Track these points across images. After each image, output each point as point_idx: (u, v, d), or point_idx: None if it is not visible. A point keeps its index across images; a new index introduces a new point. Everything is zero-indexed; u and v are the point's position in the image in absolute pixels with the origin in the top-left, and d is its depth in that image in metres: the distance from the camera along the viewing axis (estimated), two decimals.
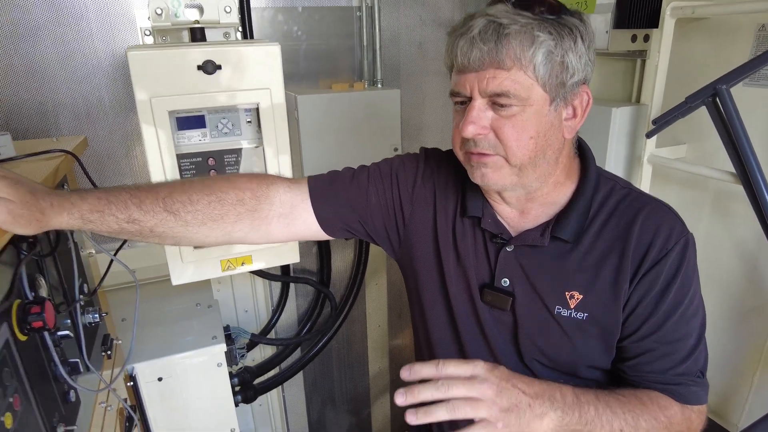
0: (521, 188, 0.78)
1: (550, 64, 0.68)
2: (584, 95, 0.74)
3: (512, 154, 0.72)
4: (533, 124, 0.71)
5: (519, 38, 0.67)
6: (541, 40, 0.67)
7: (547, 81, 0.69)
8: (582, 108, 0.74)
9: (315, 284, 1.85)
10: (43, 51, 1.35)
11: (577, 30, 0.69)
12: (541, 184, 0.78)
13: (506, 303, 0.81)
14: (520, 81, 0.68)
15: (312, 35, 1.62)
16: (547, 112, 0.71)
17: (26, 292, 0.69)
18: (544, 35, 0.67)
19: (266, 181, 0.84)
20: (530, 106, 0.70)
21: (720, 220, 1.41)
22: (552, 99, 0.71)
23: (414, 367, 0.65)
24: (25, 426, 0.62)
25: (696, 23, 1.36)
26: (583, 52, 0.70)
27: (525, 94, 0.69)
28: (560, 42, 0.68)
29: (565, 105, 0.73)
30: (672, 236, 0.75)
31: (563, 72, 0.69)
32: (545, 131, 0.72)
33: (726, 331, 1.44)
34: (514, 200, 0.81)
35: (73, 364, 0.80)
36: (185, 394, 1.34)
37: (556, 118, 0.72)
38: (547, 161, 0.75)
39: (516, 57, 0.67)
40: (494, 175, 0.74)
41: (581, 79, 0.72)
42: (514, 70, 0.68)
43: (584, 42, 0.70)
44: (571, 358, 0.80)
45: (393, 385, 2.27)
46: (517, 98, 0.69)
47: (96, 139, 1.45)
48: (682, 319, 0.76)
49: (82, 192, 0.69)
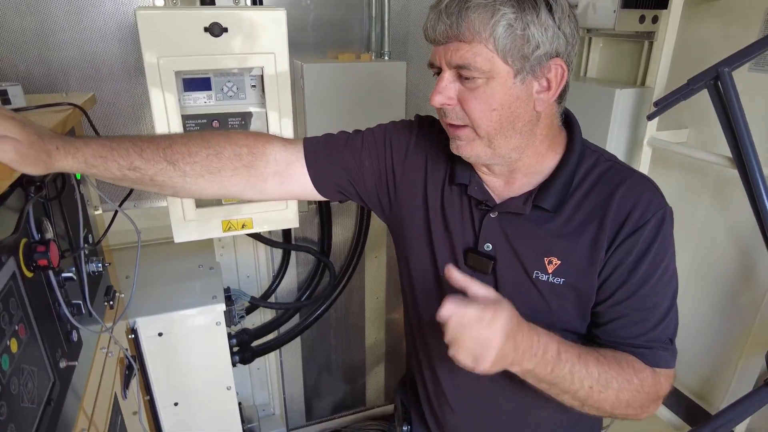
0: (499, 159, 0.80)
1: (511, 37, 0.69)
2: (558, 68, 0.74)
3: (477, 125, 0.75)
4: (497, 96, 0.72)
5: (479, 11, 0.68)
6: (502, 14, 0.68)
7: (508, 54, 0.70)
8: (557, 81, 0.74)
9: (315, 253, 1.89)
10: (55, 12, 1.37)
11: (543, 2, 0.70)
12: (519, 155, 0.80)
13: (488, 266, 0.84)
14: (481, 54, 0.70)
15: (321, 5, 1.62)
16: (511, 85, 0.72)
17: (33, 233, 0.72)
18: (505, 8, 0.68)
19: (263, 138, 0.87)
20: (493, 79, 0.71)
21: (718, 206, 1.42)
22: (516, 72, 0.72)
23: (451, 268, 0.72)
24: (30, 354, 0.66)
25: (705, 5, 1.35)
26: (549, 25, 0.70)
27: (486, 66, 0.70)
28: (521, 15, 0.68)
29: (534, 77, 0.73)
30: (650, 208, 0.77)
31: (525, 44, 0.70)
32: (510, 103, 0.73)
33: (715, 317, 1.46)
34: (497, 170, 0.83)
35: (76, 305, 0.84)
36: (184, 350, 1.38)
37: (524, 91, 0.73)
38: (519, 132, 0.76)
39: (476, 30, 0.69)
40: (467, 147, 0.78)
41: (550, 52, 0.72)
42: (474, 43, 0.70)
43: (552, 14, 0.70)
44: (548, 320, 0.83)
45: (388, 357, 2.33)
46: (479, 71, 0.71)
47: (104, 99, 1.48)
48: (655, 288, 0.79)
49: (87, 138, 0.72)
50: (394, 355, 2.32)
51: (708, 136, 1.40)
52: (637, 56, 1.56)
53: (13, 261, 0.65)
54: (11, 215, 0.68)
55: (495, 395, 0.93)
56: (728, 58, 1.13)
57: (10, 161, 0.61)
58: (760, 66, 1.24)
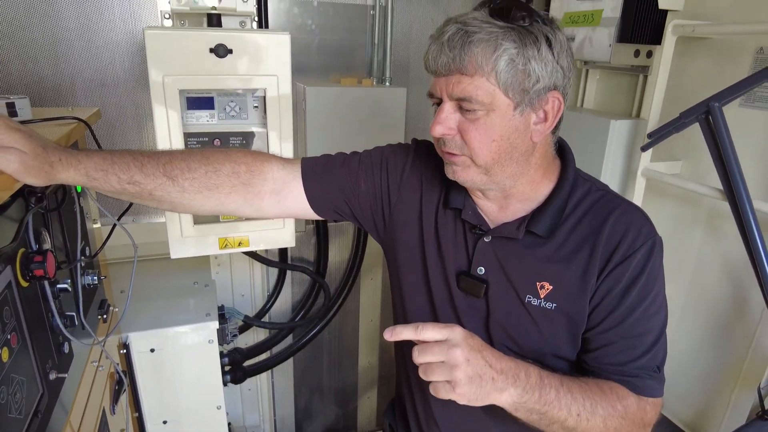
0: (495, 186, 0.81)
1: (513, 72, 0.71)
2: (555, 101, 0.76)
3: (476, 155, 0.76)
4: (497, 128, 0.74)
5: (482, 46, 0.70)
6: (504, 48, 0.70)
7: (509, 87, 0.72)
8: (553, 113, 0.77)
9: (311, 273, 1.89)
10: (65, 28, 1.41)
11: (544, 38, 0.72)
12: (514, 183, 0.81)
13: (480, 290, 0.84)
14: (483, 87, 0.72)
15: (325, 30, 1.67)
16: (511, 117, 0.74)
17: (31, 243, 0.73)
18: (507, 43, 0.70)
19: (261, 157, 0.89)
20: (493, 111, 0.73)
21: (712, 238, 1.43)
22: (516, 104, 0.74)
23: (396, 329, 0.69)
24: (20, 364, 0.66)
25: (698, 42, 1.39)
26: (549, 60, 0.72)
27: (488, 99, 0.72)
28: (523, 50, 0.71)
29: (532, 110, 0.75)
30: (640, 237, 0.78)
31: (526, 79, 0.72)
32: (509, 135, 0.75)
33: (709, 349, 1.46)
34: (492, 195, 0.85)
35: (69, 317, 0.84)
36: (175, 367, 1.38)
37: (522, 123, 0.75)
38: (516, 162, 0.78)
39: (478, 64, 0.71)
40: (463, 173, 0.79)
41: (548, 86, 0.74)
42: (476, 77, 0.71)
43: (551, 49, 0.72)
44: (538, 345, 0.83)
45: (381, 381, 2.31)
46: (480, 103, 0.72)
47: (109, 113, 1.51)
48: (644, 316, 0.79)
49: (90, 151, 0.73)
50: (387, 379, 2.30)
51: (701, 169, 1.42)
52: (632, 89, 1.60)
53: (9, 270, 0.66)
54: (11, 225, 0.69)
55: (485, 420, 0.92)
56: (719, 93, 1.16)
57: (15, 171, 0.62)
58: (751, 102, 1.27)
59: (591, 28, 1.48)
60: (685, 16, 1.38)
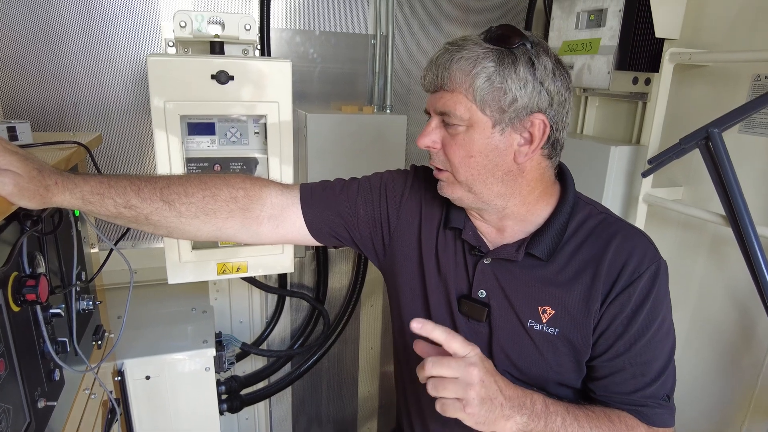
0: (484, 205, 0.81)
1: (489, 89, 0.73)
2: (540, 123, 0.75)
3: (456, 170, 0.79)
4: (475, 144, 0.76)
5: (462, 63, 0.73)
6: (482, 66, 0.73)
7: (486, 105, 0.74)
8: (538, 136, 0.76)
9: (310, 300, 1.87)
10: (70, 56, 1.43)
11: (526, 59, 0.73)
12: (505, 203, 0.81)
13: (482, 314, 0.83)
14: (461, 102, 0.75)
15: (327, 58, 1.69)
16: (489, 135, 0.75)
17: (24, 266, 0.73)
18: (486, 62, 0.72)
19: (260, 182, 0.89)
20: (472, 128, 0.75)
21: (716, 264, 1.41)
22: (495, 123, 0.75)
23: (426, 324, 0.67)
24: (7, 391, 0.64)
25: (696, 70, 1.40)
26: (528, 80, 0.73)
27: (466, 115, 0.75)
28: (500, 68, 0.72)
29: (515, 130, 0.76)
30: (644, 261, 0.77)
31: (502, 97, 0.73)
32: (488, 152, 0.76)
33: (717, 378, 1.42)
34: (488, 217, 0.84)
35: (61, 343, 0.83)
36: (171, 395, 1.35)
37: (503, 142, 0.76)
38: (501, 181, 0.78)
39: (457, 81, 0.74)
40: (448, 189, 0.82)
41: (530, 107, 0.74)
42: (456, 93, 0.75)
43: (533, 70, 0.73)
44: (541, 372, 0.81)
45: (381, 411, 2.25)
46: (459, 119, 0.75)
47: (111, 138, 1.52)
48: (652, 342, 0.78)
49: (87, 175, 0.73)
50: (387, 409, 2.25)
51: (703, 194, 1.42)
52: (631, 115, 1.61)
53: (0, 294, 0.65)
54: (5, 248, 0.68)
55: None
56: (718, 119, 1.16)
57: (9, 194, 0.62)
58: (750, 128, 1.27)
59: (589, 56, 1.50)
60: (682, 44, 1.39)
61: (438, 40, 1.81)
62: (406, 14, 1.75)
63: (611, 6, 1.42)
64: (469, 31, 1.83)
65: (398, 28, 1.74)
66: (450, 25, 1.81)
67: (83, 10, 1.41)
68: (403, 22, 1.75)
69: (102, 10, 1.42)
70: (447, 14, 1.80)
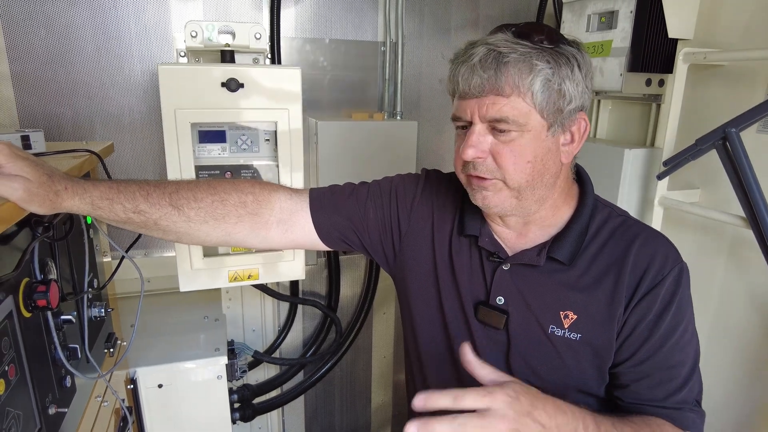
0: (521, 211, 0.80)
1: (548, 92, 0.71)
2: (582, 122, 0.76)
3: (510, 177, 0.74)
4: (531, 148, 0.73)
5: (518, 66, 0.69)
6: (539, 69, 0.70)
7: (544, 108, 0.71)
8: (579, 134, 0.77)
9: (322, 307, 1.86)
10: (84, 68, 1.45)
11: (574, 59, 0.72)
12: (539, 207, 0.80)
13: (500, 321, 0.81)
14: (519, 107, 0.71)
15: (337, 66, 1.70)
16: (544, 138, 0.73)
17: (36, 272, 0.73)
18: (542, 64, 0.70)
19: (269, 187, 0.88)
20: (528, 132, 0.72)
21: (736, 267, 1.38)
22: (550, 125, 0.73)
23: (430, 396, 0.58)
24: (17, 397, 0.64)
25: (711, 69, 1.38)
26: (579, 80, 0.73)
27: (523, 120, 0.71)
28: (558, 70, 0.71)
29: (562, 131, 0.75)
30: (667, 263, 0.76)
31: (560, 99, 0.72)
32: (542, 156, 0.74)
33: (739, 387, 1.38)
34: (512, 222, 0.83)
35: (72, 350, 0.83)
36: (183, 403, 1.35)
37: (554, 143, 0.75)
38: (545, 185, 0.77)
39: (515, 84, 0.70)
40: (494, 197, 0.77)
41: (578, 106, 0.74)
42: (513, 97, 0.70)
43: (581, 70, 0.73)
44: (562, 379, 0.79)
45: (395, 420, 2.23)
46: (516, 124, 0.71)
47: (125, 152, 1.54)
48: (678, 346, 0.77)
49: (96, 180, 0.74)
50: (401, 419, 2.22)
51: (720, 196, 1.38)
52: (645, 117, 1.58)
53: (11, 299, 0.65)
54: (16, 253, 0.69)
55: None
56: (735, 118, 1.13)
57: (19, 199, 0.62)
58: None
59: (601, 59, 1.48)
60: (696, 44, 1.37)
61: (448, 45, 1.80)
62: (416, 21, 1.75)
63: (622, 8, 1.41)
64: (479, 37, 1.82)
65: (408, 35, 1.74)
66: (459, 31, 1.81)
67: (97, 23, 1.43)
68: (412, 28, 1.75)
69: (115, 23, 1.44)
70: (456, 20, 1.80)
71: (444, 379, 0.91)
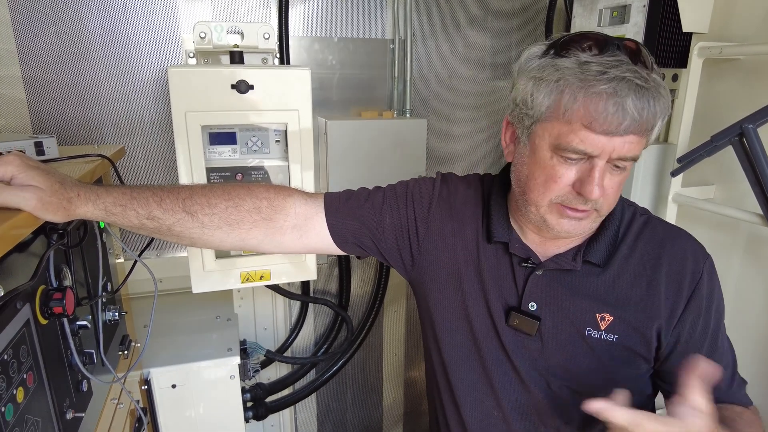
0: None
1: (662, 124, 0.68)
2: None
3: (607, 207, 0.74)
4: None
5: (662, 105, 0.64)
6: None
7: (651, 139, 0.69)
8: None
9: (333, 306, 1.87)
10: (95, 72, 1.46)
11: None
12: None
13: (533, 327, 0.81)
14: (642, 144, 0.68)
15: (346, 65, 1.69)
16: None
17: (51, 280, 0.73)
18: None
19: (284, 192, 0.88)
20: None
21: (752, 265, 1.36)
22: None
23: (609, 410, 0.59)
24: (35, 404, 0.65)
25: (726, 64, 1.35)
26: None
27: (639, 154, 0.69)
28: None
29: None
30: (699, 260, 0.79)
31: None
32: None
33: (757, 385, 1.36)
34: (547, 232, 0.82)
35: (88, 354, 0.84)
36: (197, 403, 1.36)
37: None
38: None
39: (654, 124, 0.66)
40: (582, 224, 0.74)
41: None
42: (643, 137, 0.67)
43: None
44: (599, 381, 0.79)
45: (407, 418, 2.23)
46: (635, 160, 0.69)
47: (136, 155, 1.55)
48: (722, 332, 0.81)
49: (109, 186, 0.74)
50: (412, 416, 2.23)
51: (736, 193, 1.36)
52: None
53: (28, 308, 0.65)
54: (32, 261, 0.69)
55: None
56: (753, 114, 1.11)
57: (33, 209, 0.62)
58: None
59: None
60: (711, 38, 1.34)
61: (456, 42, 1.79)
62: (424, 18, 1.73)
63: (635, 1, 1.38)
64: (489, 33, 1.80)
65: (416, 32, 1.72)
66: (468, 28, 1.79)
67: (106, 27, 1.43)
68: (421, 25, 1.73)
69: (124, 26, 1.45)
70: (465, 17, 1.78)
71: (470, 379, 0.91)
